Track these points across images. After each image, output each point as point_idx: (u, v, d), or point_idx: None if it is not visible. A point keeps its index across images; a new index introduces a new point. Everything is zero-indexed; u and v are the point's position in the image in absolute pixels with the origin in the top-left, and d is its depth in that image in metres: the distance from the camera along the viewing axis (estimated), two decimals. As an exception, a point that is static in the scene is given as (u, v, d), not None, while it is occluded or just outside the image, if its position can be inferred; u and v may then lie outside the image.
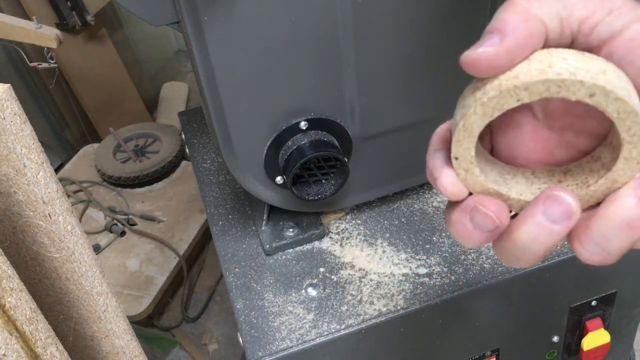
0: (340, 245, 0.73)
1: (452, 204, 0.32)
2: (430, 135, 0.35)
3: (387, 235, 0.74)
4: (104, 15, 2.04)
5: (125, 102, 2.11)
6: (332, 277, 0.69)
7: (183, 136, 0.98)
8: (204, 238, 1.75)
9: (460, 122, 0.29)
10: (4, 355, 0.35)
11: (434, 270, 0.69)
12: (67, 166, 1.92)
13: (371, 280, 0.69)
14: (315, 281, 0.69)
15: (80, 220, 1.37)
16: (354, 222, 0.76)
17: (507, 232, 0.30)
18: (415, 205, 0.77)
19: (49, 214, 0.40)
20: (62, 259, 0.43)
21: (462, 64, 0.28)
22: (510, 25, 0.28)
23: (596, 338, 0.77)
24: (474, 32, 0.62)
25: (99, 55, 1.99)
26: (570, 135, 0.32)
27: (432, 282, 0.67)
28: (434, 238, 0.72)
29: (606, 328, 0.78)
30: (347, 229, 0.75)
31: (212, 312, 1.65)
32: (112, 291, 0.48)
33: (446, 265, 0.69)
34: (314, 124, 0.63)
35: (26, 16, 1.76)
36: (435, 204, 0.77)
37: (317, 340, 0.63)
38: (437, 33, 0.62)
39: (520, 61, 0.28)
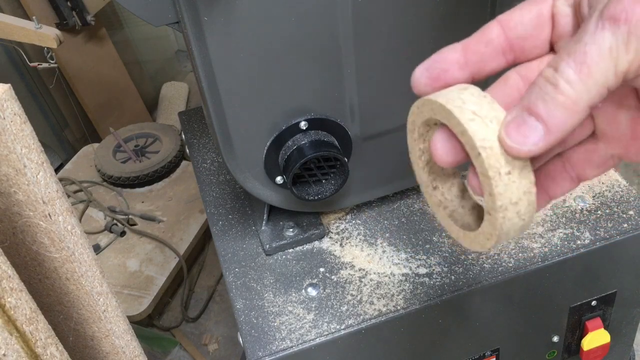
0: (340, 245, 0.73)
1: None
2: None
3: (387, 235, 0.74)
4: (104, 15, 2.04)
5: (125, 102, 2.11)
6: (332, 277, 0.69)
7: (183, 136, 0.98)
8: (204, 238, 1.75)
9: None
10: (4, 355, 0.35)
11: (434, 270, 0.69)
12: (67, 166, 1.92)
13: (371, 280, 0.69)
14: (315, 281, 0.69)
15: (80, 220, 1.37)
16: (354, 222, 0.76)
17: None
18: (415, 205, 0.77)
19: (49, 214, 0.40)
20: (62, 259, 0.43)
21: (503, 143, 0.27)
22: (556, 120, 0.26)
23: (596, 338, 0.77)
24: (474, 32, 0.62)
25: (99, 55, 1.99)
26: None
27: (432, 282, 0.67)
28: (434, 238, 0.72)
29: (606, 328, 0.77)
30: (347, 229, 0.75)
31: (212, 312, 1.65)
32: (112, 291, 0.48)
33: (446, 265, 0.69)
34: (314, 124, 0.63)
35: (26, 16, 1.76)
36: (435, 204, 0.77)
37: (317, 340, 0.63)
38: (437, 33, 0.62)
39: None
